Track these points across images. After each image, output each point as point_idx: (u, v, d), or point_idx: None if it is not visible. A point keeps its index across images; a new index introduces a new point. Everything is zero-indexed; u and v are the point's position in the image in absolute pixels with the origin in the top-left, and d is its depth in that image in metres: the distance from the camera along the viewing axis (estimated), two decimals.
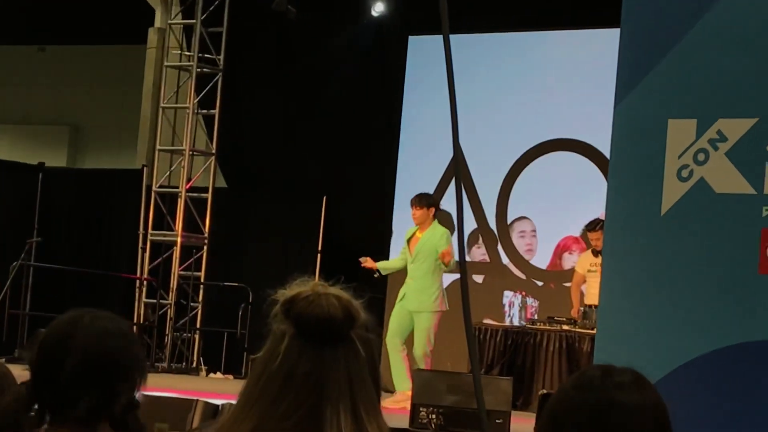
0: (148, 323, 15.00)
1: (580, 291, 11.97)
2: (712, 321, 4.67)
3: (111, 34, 17.05)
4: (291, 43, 15.15)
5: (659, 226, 4.82)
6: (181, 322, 14.87)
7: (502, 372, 11.49)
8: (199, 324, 14.97)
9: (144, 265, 15.29)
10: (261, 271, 14.34)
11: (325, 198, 14.60)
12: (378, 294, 12.61)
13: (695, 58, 4.82)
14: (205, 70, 15.15)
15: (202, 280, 15.07)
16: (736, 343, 4.62)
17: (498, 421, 8.53)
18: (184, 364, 14.65)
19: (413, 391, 9.02)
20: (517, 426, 8.73)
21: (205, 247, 15.08)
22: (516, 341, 11.83)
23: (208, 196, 15.08)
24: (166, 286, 14.99)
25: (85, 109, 18.61)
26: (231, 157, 15.77)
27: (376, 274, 11.21)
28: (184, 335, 14.89)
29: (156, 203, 15.25)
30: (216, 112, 15.14)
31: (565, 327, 11.63)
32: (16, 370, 2.85)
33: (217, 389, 10.85)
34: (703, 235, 4.74)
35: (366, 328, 2.13)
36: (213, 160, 15.21)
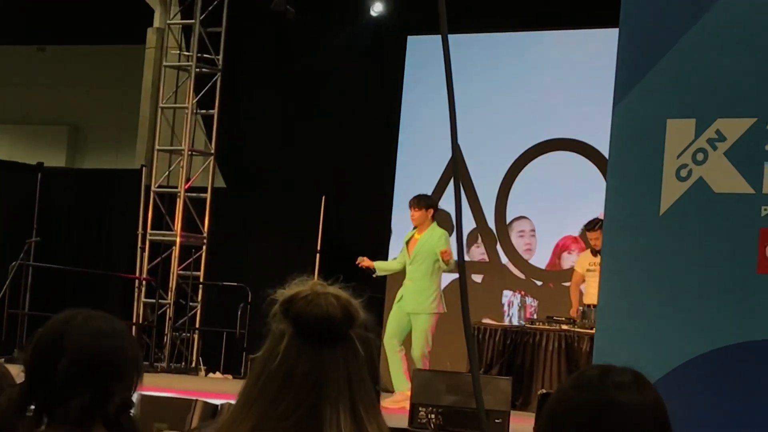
0: (147, 323, 15.00)
1: (579, 291, 11.97)
2: (711, 321, 4.67)
3: (110, 34, 17.05)
4: (290, 43, 15.15)
5: (658, 226, 4.82)
6: (180, 321, 14.87)
7: (501, 372, 11.49)
8: (198, 324, 14.97)
9: (143, 265, 15.29)
10: (260, 270, 14.34)
11: (324, 198, 14.59)
12: (377, 293, 12.60)
13: (694, 58, 4.82)
14: (204, 70, 15.15)
15: (201, 279, 15.07)
16: (735, 342, 4.62)
17: (497, 420, 8.52)
18: (183, 363, 14.64)
19: (412, 391, 9.01)
20: (516, 426, 8.72)
21: (204, 247, 15.08)
22: (515, 341, 11.83)
23: (207, 196, 15.08)
24: (165, 286, 15.00)
25: (85, 109, 18.60)
26: (230, 157, 15.77)
27: (375, 274, 11.21)
28: (183, 335, 14.89)
29: (155, 203, 15.25)
30: (215, 112, 15.14)
31: (564, 327, 11.62)
32: (15, 370, 2.85)
33: (216, 389, 10.84)
34: (702, 234, 4.74)
35: (365, 328, 2.13)
36: (212, 160, 15.21)
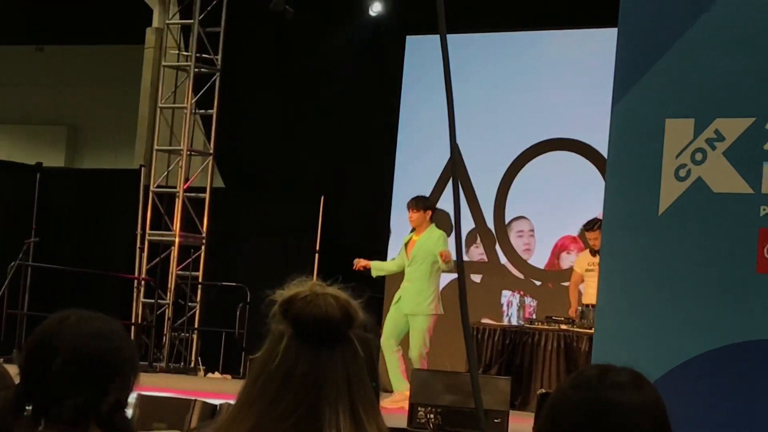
0: (146, 323, 14.99)
1: (578, 290, 11.97)
2: (710, 320, 4.67)
3: (109, 34, 17.05)
4: (288, 43, 15.15)
5: (657, 226, 4.82)
6: (179, 321, 14.87)
7: (500, 371, 11.48)
8: (197, 324, 14.97)
9: (142, 265, 15.29)
10: (259, 270, 14.33)
11: (322, 198, 14.59)
12: (377, 294, 12.60)
13: (693, 57, 4.82)
14: (203, 70, 15.15)
15: (200, 279, 15.07)
16: (734, 342, 4.62)
17: (496, 420, 8.52)
18: (182, 363, 14.64)
19: (411, 391, 9.01)
20: (515, 425, 8.72)
21: (202, 247, 15.07)
22: (514, 341, 11.82)
23: (206, 196, 15.07)
24: (164, 286, 14.99)
25: (84, 109, 18.60)
26: (228, 157, 15.76)
27: (373, 274, 11.19)
28: (182, 335, 14.89)
29: (154, 203, 15.25)
30: (214, 112, 15.14)
31: (563, 326, 11.62)
32: (15, 370, 2.85)
33: (215, 389, 10.84)
34: (701, 234, 4.74)
35: (364, 328, 2.13)
36: (211, 160, 15.21)
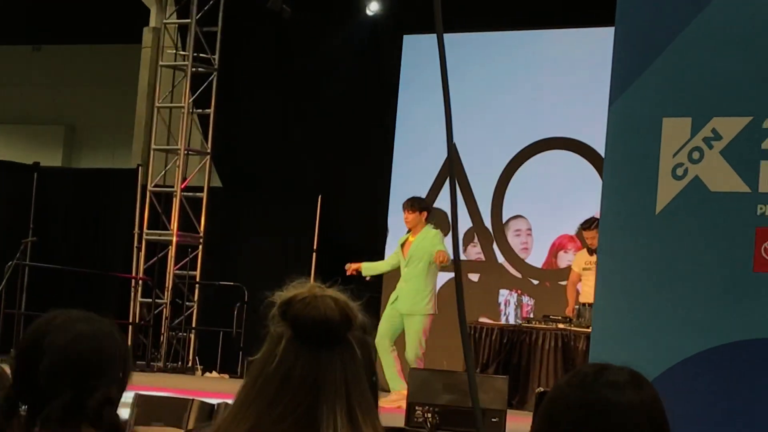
0: (143, 323, 15.00)
1: (576, 289, 11.97)
2: (707, 319, 4.67)
3: (106, 33, 17.05)
4: (285, 42, 15.15)
5: (654, 225, 4.82)
6: (177, 321, 14.87)
7: (497, 371, 11.48)
8: (194, 323, 14.97)
9: (139, 264, 15.29)
10: (256, 270, 14.33)
11: (320, 197, 14.59)
12: (376, 294, 12.60)
13: (690, 56, 4.82)
14: (200, 69, 15.15)
15: (198, 279, 15.07)
16: (731, 341, 4.62)
17: (494, 419, 8.52)
18: (179, 363, 14.64)
19: (409, 390, 9.01)
20: (513, 425, 8.72)
21: (200, 247, 15.08)
22: (511, 340, 11.83)
23: (204, 195, 15.08)
24: (161, 286, 14.99)
25: (81, 109, 18.59)
26: (226, 157, 15.77)
27: (368, 278, 11.18)
28: (180, 334, 14.89)
29: (151, 203, 15.25)
30: (211, 111, 15.14)
31: (561, 325, 11.62)
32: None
33: (212, 389, 10.83)
34: (698, 233, 4.74)
35: (363, 330, 2.12)
36: (208, 159, 15.21)
